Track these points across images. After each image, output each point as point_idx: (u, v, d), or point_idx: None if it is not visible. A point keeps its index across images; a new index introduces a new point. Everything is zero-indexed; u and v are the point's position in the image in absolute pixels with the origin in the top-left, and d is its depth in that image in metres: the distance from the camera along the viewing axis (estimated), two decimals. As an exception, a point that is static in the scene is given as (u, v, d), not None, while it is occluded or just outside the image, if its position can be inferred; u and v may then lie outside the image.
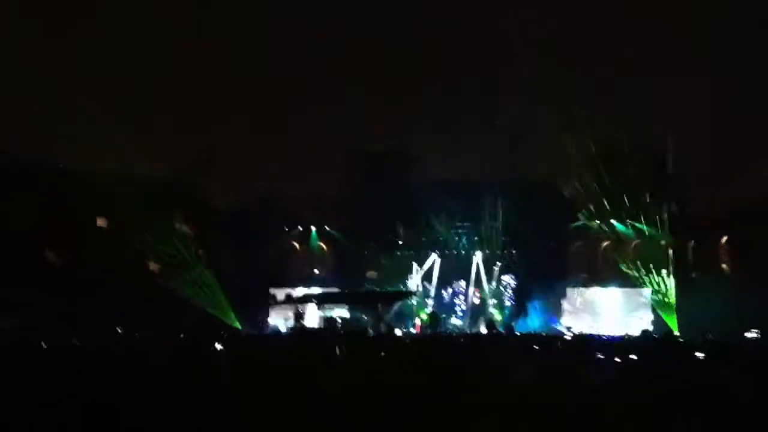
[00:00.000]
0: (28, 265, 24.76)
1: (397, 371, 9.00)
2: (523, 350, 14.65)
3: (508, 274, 32.48)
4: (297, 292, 32.14)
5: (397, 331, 28.07)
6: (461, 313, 32.60)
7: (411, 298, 32.48)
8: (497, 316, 31.43)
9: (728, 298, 25.28)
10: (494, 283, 32.39)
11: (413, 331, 30.85)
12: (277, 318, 31.29)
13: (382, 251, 32.95)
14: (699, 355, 11.86)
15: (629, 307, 30.04)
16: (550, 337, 21.08)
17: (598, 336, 23.16)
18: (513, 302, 32.31)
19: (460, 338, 21.75)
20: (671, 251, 30.23)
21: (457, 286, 32.84)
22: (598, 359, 12.05)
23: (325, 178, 35.35)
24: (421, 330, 30.95)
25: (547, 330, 28.56)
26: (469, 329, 31.01)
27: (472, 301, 32.52)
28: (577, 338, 22.01)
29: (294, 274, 33.32)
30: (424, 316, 31.88)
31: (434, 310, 31.93)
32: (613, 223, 30.35)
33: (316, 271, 33.87)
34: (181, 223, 29.21)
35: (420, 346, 15.77)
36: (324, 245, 33.98)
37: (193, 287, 28.40)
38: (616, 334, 23.61)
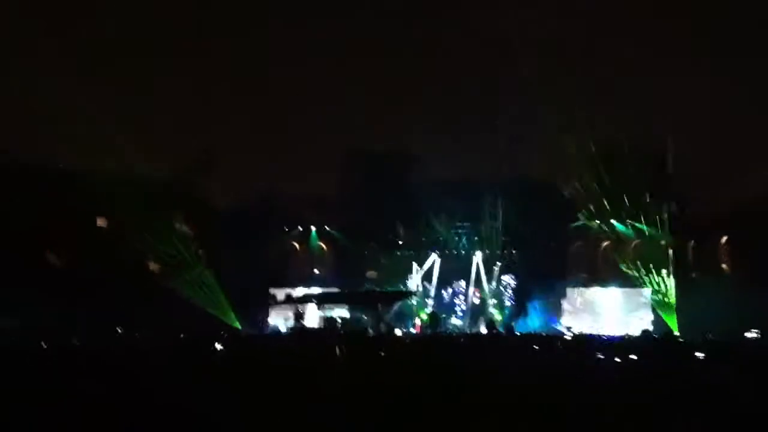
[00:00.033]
0: (28, 265, 24.76)
1: (397, 371, 9.00)
2: (523, 350, 14.66)
3: (508, 274, 32.45)
4: (297, 292, 32.11)
5: (397, 331, 28.10)
6: (461, 313, 32.59)
7: (411, 298, 32.47)
8: (497, 316, 31.42)
9: (728, 298, 25.25)
10: (494, 283, 32.36)
11: (413, 331, 30.84)
12: (277, 318, 31.24)
13: (382, 251, 32.95)
14: (699, 355, 11.88)
15: (629, 307, 29.98)
16: (550, 338, 21.09)
17: (598, 336, 23.17)
18: (513, 302, 32.29)
19: (460, 338, 21.77)
20: (671, 251, 30.21)
21: (457, 286, 32.83)
22: (598, 359, 12.07)
23: (325, 178, 35.36)
24: (421, 330, 30.95)
25: (547, 330, 28.54)
26: (469, 329, 31.00)
27: (472, 301, 32.52)
28: (577, 338, 22.03)
29: (294, 274, 33.27)
30: (424, 316, 31.85)
31: (434, 310, 31.90)
32: (613, 223, 30.33)
33: (316, 271, 33.84)
34: (181, 223, 29.20)
35: (420, 346, 15.78)
36: (324, 245, 33.98)
37: (193, 287, 28.39)
38: (616, 334, 23.60)
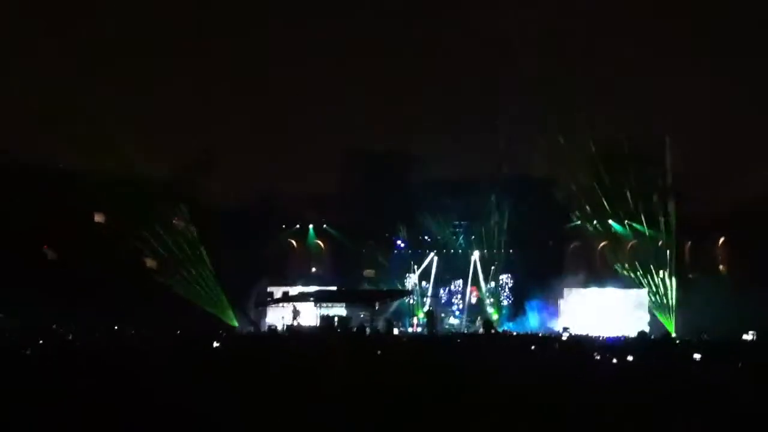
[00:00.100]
0: (28, 265, 24.78)
1: (397, 371, 9.01)
2: (521, 350, 14.66)
3: (505, 273, 32.49)
4: (295, 291, 32.16)
5: (395, 330, 28.08)
6: (458, 312, 32.62)
7: (408, 297, 32.50)
8: (495, 316, 31.44)
9: (727, 298, 25.25)
10: (492, 282, 32.40)
11: (410, 329, 30.86)
12: (275, 316, 31.24)
13: (380, 250, 32.96)
14: (695, 356, 11.89)
15: (627, 307, 29.95)
16: (547, 338, 21.05)
17: (595, 337, 23.13)
18: (510, 301, 32.32)
19: (457, 338, 21.73)
20: (669, 251, 30.19)
21: (454, 285, 32.87)
22: (594, 361, 12.08)
23: (325, 178, 35.48)
24: (416, 327, 30.94)
25: (544, 330, 28.52)
26: (466, 328, 31.03)
27: (470, 300, 32.54)
28: (573, 339, 22.01)
29: (292, 273, 33.34)
30: (421, 315, 31.89)
31: (431, 308, 31.94)
32: (611, 223, 30.33)
33: (314, 270, 33.90)
34: (181, 222, 29.22)
35: (418, 346, 15.77)
36: (321, 243, 34.02)
37: (192, 286, 28.43)
38: (612, 335, 23.50)
